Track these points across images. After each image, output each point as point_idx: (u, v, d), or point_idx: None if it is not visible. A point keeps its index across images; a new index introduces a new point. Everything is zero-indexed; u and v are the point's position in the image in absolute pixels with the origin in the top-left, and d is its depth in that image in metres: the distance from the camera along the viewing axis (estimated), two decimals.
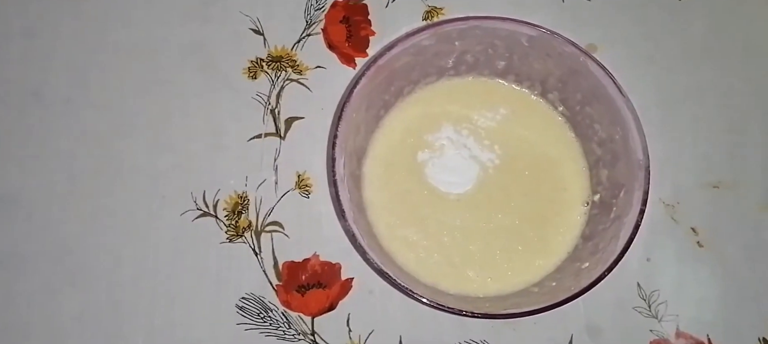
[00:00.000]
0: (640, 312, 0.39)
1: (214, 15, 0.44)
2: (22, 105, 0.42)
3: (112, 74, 0.43)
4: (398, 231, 0.39)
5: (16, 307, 0.39)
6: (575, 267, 0.37)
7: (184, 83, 0.43)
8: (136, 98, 0.42)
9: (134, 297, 0.39)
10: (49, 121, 0.42)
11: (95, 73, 0.43)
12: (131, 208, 0.40)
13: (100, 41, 0.43)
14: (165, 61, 0.43)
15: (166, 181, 0.41)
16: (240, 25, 0.44)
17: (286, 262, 0.40)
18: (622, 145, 0.36)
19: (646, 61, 0.44)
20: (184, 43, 0.43)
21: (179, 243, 0.40)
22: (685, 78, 0.44)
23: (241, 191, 0.41)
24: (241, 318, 0.39)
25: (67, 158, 0.41)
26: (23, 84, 0.42)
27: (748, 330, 0.39)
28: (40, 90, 0.42)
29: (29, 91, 0.42)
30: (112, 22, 0.44)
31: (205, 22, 0.44)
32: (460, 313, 0.34)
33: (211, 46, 0.43)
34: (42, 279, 0.39)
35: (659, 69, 0.44)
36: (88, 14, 0.44)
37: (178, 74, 0.43)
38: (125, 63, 0.43)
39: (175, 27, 0.44)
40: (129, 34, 0.43)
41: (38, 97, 0.42)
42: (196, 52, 0.43)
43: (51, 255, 0.39)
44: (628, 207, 0.35)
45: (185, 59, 0.43)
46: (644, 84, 0.43)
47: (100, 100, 0.42)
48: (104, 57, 0.43)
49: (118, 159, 0.41)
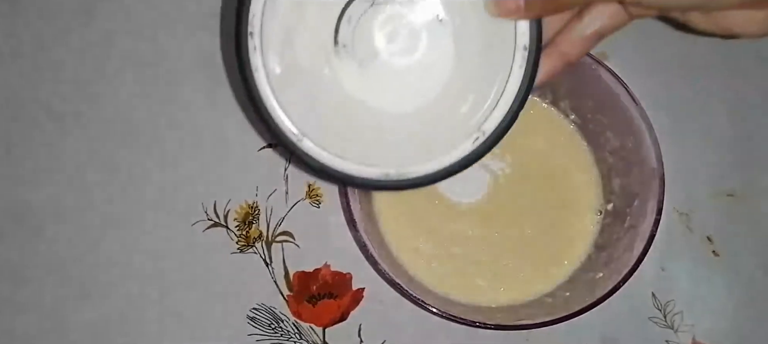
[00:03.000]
0: (656, 322, 0.39)
1: (223, 26, 0.44)
2: (33, 118, 0.42)
3: (121, 87, 0.43)
4: (409, 242, 0.38)
5: (27, 320, 0.39)
6: (589, 278, 0.36)
7: (193, 94, 0.43)
8: (145, 110, 0.42)
9: (145, 309, 0.39)
10: (59, 133, 0.42)
11: (105, 86, 0.43)
12: (141, 220, 0.40)
13: (109, 54, 0.43)
14: (174, 72, 0.43)
15: (177, 192, 0.41)
16: None
17: (297, 272, 0.39)
18: (635, 153, 0.36)
19: (658, 68, 0.44)
20: (193, 54, 0.44)
21: (190, 253, 0.40)
22: (698, 86, 0.43)
23: (252, 201, 0.41)
24: (252, 329, 0.38)
25: (77, 170, 0.41)
26: (34, 97, 0.43)
27: (765, 339, 0.39)
28: (51, 103, 0.42)
29: (40, 104, 0.42)
30: (121, 36, 0.44)
31: (215, 34, 0.44)
32: (472, 324, 0.33)
33: (220, 57, 0.43)
34: (52, 291, 0.39)
35: (671, 77, 0.44)
36: (97, 28, 0.44)
37: (187, 85, 0.43)
38: (135, 76, 0.43)
39: (185, 39, 0.44)
40: (138, 47, 0.44)
41: (48, 110, 0.42)
42: (205, 63, 0.43)
43: (61, 267, 0.39)
44: (643, 216, 0.35)
45: (195, 70, 0.43)
46: (656, 92, 0.43)
47: (109, 113, 0.42)
48: (114, 70, 0.43)
49: (128, 170, 0.41)
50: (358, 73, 0.29)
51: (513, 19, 0.27)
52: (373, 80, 0.29)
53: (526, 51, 0.27)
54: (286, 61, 0.28)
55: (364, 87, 0.29)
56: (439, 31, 0.28)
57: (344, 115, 0.29)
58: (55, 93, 0.43)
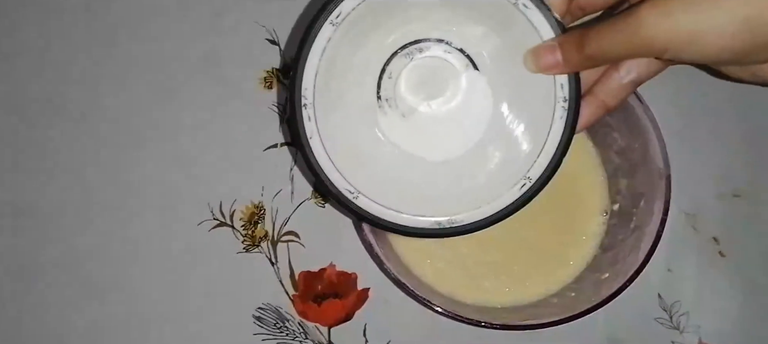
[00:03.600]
0: (662, 323, 0.39)
1: (228, 26, 0.44)
2: (38, 118, 0.42)
3: (127, 87, 0.43)
4: (414, 241, 0.38)
5: (32, 318, 0.39)
6: (595, 278, 0.36)
7: (199, 94, 0.43)
8: (151, 110, 0.42)
9: (150, 308, 0.39)
10: (64, 133, 0.42)
11: (110, 87, 0.43)
12: (147, 219, 0.40)
13: (114, 55, 0.44)
14: (180, 72, 0.43)
15: (183, 192, 0.41)
16: (255, 35, 0.44)
17: (302, 272, 0.40)
18: (641, 154, 0.36)
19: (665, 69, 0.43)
20: (199, 54, 0.44)
21: (196, 253, 0.40)
22: (704, 86, 0.43)
23: (258, 201, 0.41)
24: (258, 329, 0.39)
25: (83, 170, 0.41)
26: (39, 97, 0.43)
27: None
28: (56, 102, 0.43)
29: (45, 104, 0.43)
30: (126, 36, 0.44)
31: (220, 34, 0.44)
32: (478, 324, 0.33)
33: (226, 57, 0.44)
34: (57, 290, 0.39)
35: (677, 77, 0.43)
36: (102, 28, 0.44)
37: (193, 86, 0.43)
38: (140, 76, 0.43)
39: (190, 39, 0.44)
40: (144, 48, 0.44)
41: (54, 109, 0.42)
42: (211, 63, 0.43)
43: (66, 266, 0.40)
44: (649, 216, 0.34)
45: (200, 71, 0.43)
46: (662, 93, 0.42)
47: (115, 113, 0.42)
48: (119, 70, 0.43)
49: (133, 170, 0.41)
50: (403, 124, 0.31)
51: (552, 74, 0.28)
52: (417, 130, 0.31)
53: (566, 103, 0.29)
54: (336, 123, 0.30)
55: (410, 137, 0.31)
56: (477, 81, 0.30)
57: (394, 168, 0.31)
58: (61, 92, 0.43)
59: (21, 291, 0.39)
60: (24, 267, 0.40)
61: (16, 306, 0.39)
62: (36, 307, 0.39)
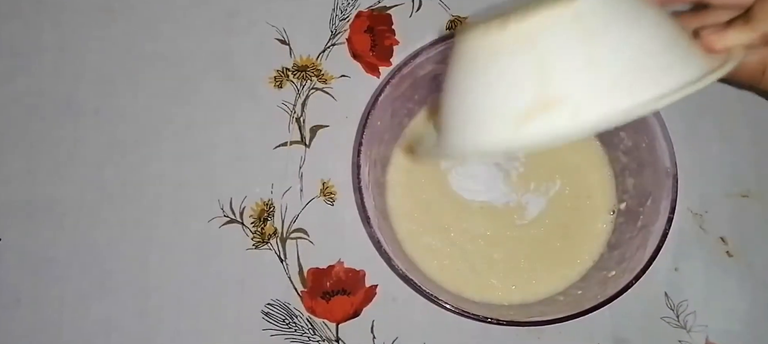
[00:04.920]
0: (669, 322, 0.39)
1: (240, 26, 0.45)
2: (54, 115, 0.43)
3: (140, 85, 0.44)
4: (421, 239, 0.39)
5: (47, 310, 0.39)
6: (601, 276, 0.36)
7: (210, 93, 0.43)
8: (163, 108, 0.43)
9: (161, 302, 0.40)
10: (79, 130, 0.43)
11: (124, 84, 0.44)
12: (159, 215, 0.41)
13: (128, 53, 0.44)
14: (192, 71, 0.44)
15: (194, 189, 0.41)
16: (266, 35, 0.44)
17: (311, 269, 0.40)
18: (648, 152, 0.36)
19: None
20: (210, 53, 0.44)
21: (206, 249, 0.40)
22: (711, 87, 0.43)
23: (267, 198, 0.41)
24: (267, 324, 0.39)
25: (97, 166, 0.42)
26: (55, 95, 0.44)
27: None
28: (71, 100, 0.43)
29: (61, 101, 0.43)
30: (140, 35, 0.45)
31: (231, 33, 0.45)
32: (484, 320, 0.34)
33: (237, 57, 0.44)
34: (72, 283, 0.40)
35: None
36: (117, 28, 0.45)
37: (204, 84, 0.44)
38: (153, 74, 0.44)
39: (202, 38, 0.45)
40: (157, 47, 0.44)
41: (69, 107, 0.43)
42: (222, 62, 0.44)
43: (80, 260, 0.40)
44: (656, 215, 0.35)
45: (212, 70, 0.44)
46: None
47: (128, 110, 0.43)
48: (133, 69, 0.44)
49: (146, 167, 0.42)
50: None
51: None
52: None
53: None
54: None
55: None
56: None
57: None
58: (76, 90, 0.44)
59: (37, 285, 0.40)
60: (39, 261, 0.40)
61: (33, 300, 0.40)
62: (52, 301, 0.40)
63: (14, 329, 0.39)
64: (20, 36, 0.45)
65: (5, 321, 0.39)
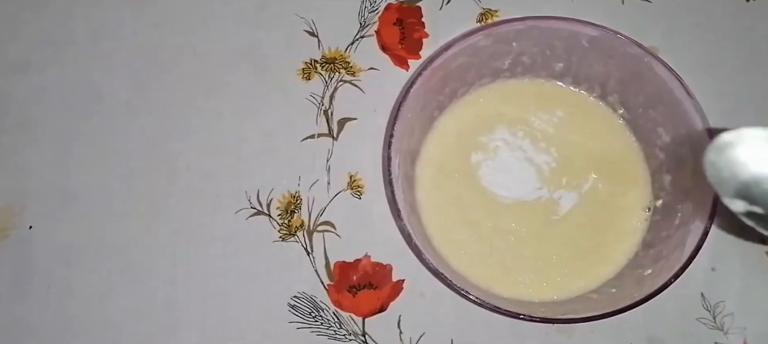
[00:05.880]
0: (705, 323, 0.38)
1: (268, 18, 0.45)
2: (84, 105, 0.43)
3: (169, 77, 0.44)
4: (451, 234, 0.38)
5: (75, 300, 0.40)
6: (637, 275, 0.35)
7: (239, 85, 0.43)
8: (192, 100, 0.43)
9: (188, 294, 0.39)
10: (109, 121, 0.43)
11: (153, 76, 0.44)
12: (186, 207, 0.41)
13: (158, 45, 0.45)
14: (221, 63, 0.44)
15: (221, 181, 0.41)
16: (294, 27, 0.44)
17: (337, 262, 0.40)
18: (688, 149, 0.35)
19: (709, 64, 0.42)
20: (239, 46, 0.44)
21: (233, 241, 0.40)
22: (751, 82, 0.42)
23: (294, 191, 0.41)
24: (293, 317, 0.39)
25: (126, 157, 0.42)
26: (85, 85, 0.44)
27: None
28: (101, 91, 0.44)
29: (91, 92, 0.44)
30: (169, 27, 0.45)
31: (260, 26, 0.45)
32: (516, 316, 0.33)
33: (265, 49, 0.44)
34: (99, 274, 0.40)
35: (723, 73, 0.42)
36: (147, 19, 0.45)
37: (233, 76, 0.44)
38: (182, 66, 0.44)
39: (231, 31, 0.45)
40: (186, 38, 0.45)
41: (99, 98, 0.44)
42: (251, 54, 0.44)
43: (108, 251, 0.40)
44: (695, 214, 0.34)
45: (241, 62, 0.44)
46: (707, 88, 0.41)
47: (158, 102, 0.43)
48: (162, 60, 0.44)
49: (174, 158, 0.42)
50: None
51: None
52: None
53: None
54: None
55: None
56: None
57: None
58: (106, 81, 0.44)
59: (66, 273, 0.40)
60: (69, 250, 0.41)
61: (62, 288, 0.40)
62: (81, 291, 0.40)
63: (44, 315, 0.39)
64: (51, 27, 0.45)
65: (36, 307, 0.39)
